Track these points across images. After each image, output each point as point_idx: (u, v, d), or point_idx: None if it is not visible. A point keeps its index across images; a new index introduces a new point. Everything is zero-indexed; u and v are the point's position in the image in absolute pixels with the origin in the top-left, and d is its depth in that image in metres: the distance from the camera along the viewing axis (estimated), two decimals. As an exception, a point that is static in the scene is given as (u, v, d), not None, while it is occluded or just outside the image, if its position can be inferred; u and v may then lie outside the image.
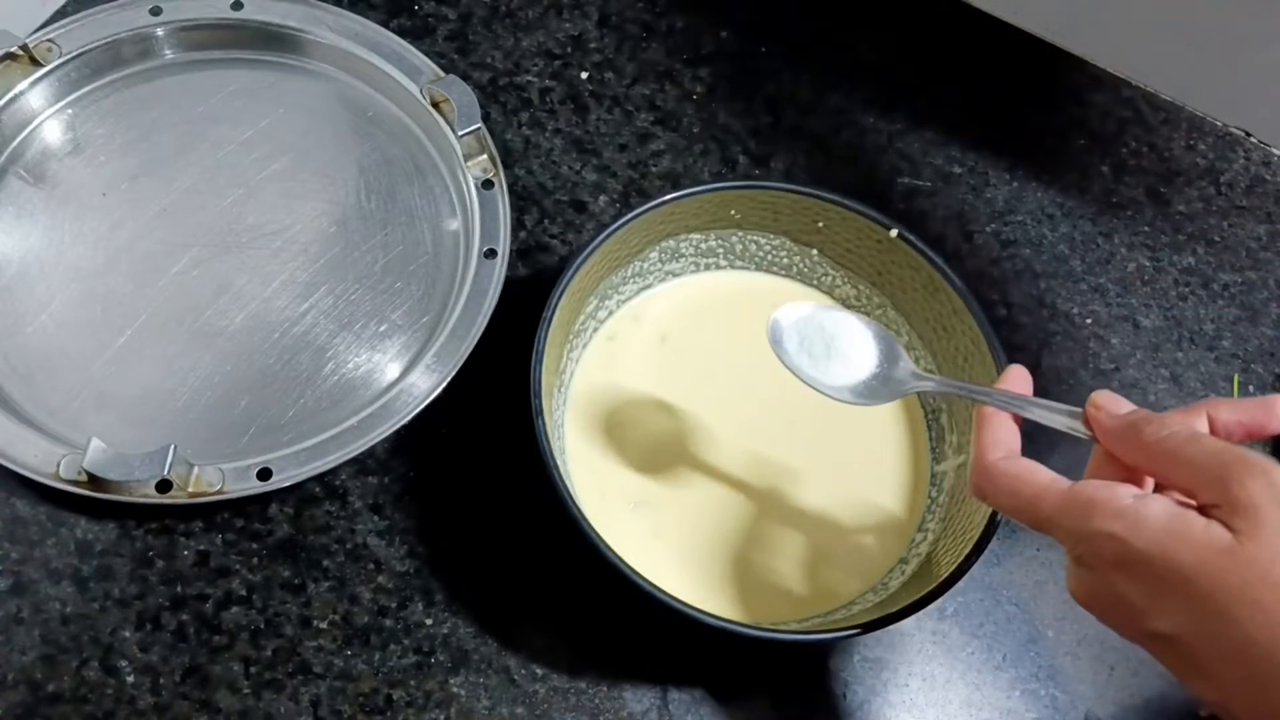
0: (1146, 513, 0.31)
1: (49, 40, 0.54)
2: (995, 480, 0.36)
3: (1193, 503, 0.32)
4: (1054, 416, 0.38)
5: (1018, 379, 0.39)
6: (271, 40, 0.57)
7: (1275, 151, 0.63)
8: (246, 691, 0.44)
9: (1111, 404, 0.36)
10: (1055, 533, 0.34)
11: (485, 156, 0.55)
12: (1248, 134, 0.64)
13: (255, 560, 0.47)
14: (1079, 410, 0.37)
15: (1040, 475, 0.35)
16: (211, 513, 0.48)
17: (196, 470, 0.46)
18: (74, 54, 0.55)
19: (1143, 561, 0.31)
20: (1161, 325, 0.58)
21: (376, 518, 0.48)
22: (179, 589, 0.46)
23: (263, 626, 0.46)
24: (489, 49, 0.61)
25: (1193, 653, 0.31)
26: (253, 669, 0.45)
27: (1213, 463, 0.31)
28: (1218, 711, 0.32)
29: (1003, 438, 0.37)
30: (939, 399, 0.51)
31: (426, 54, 0.57)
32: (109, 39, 0.55)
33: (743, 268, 0.54)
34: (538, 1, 0.63)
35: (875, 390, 0.43)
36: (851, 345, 0.43)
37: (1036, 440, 0.39)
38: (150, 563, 0.46)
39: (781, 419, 0.50)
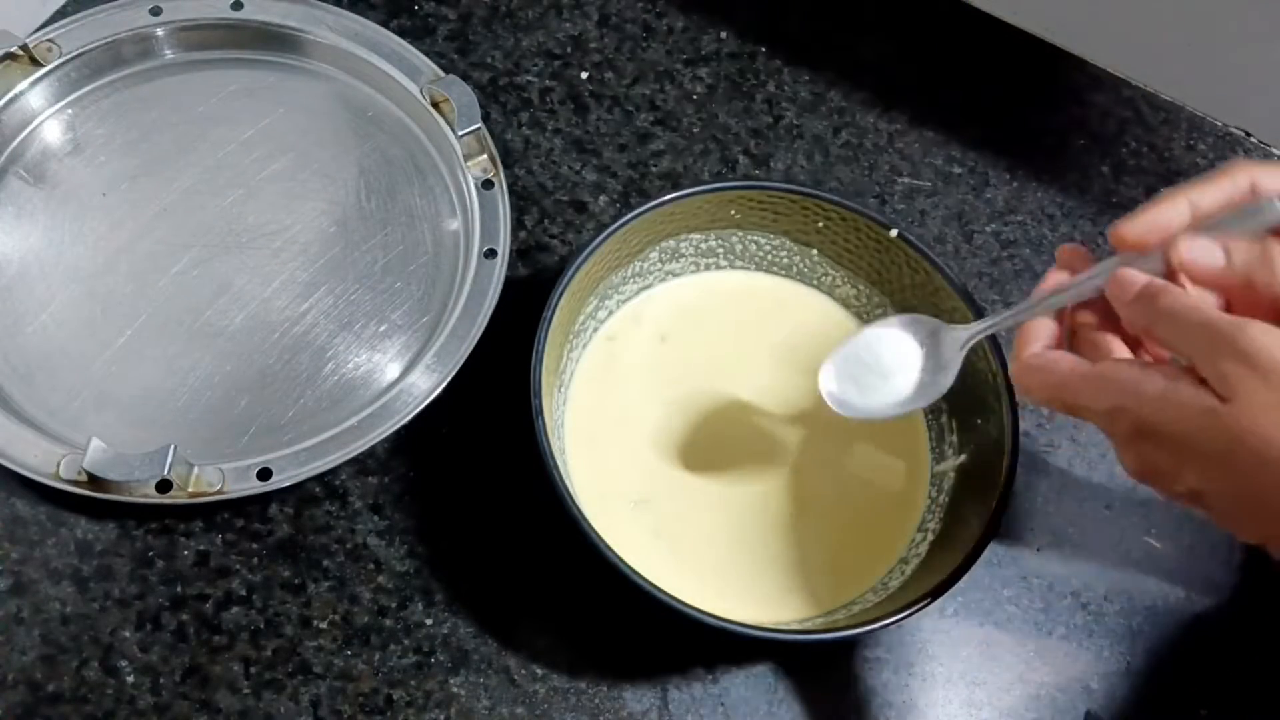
0: (1145, 385, 0.35)
1: (49, 40, 0.54)
2: (1027, 375, 0.39)
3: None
4: (1090, 287, 0.39)
5: (1072, 258, 0.41)
6: (271, 40, 0.57)
7: (1275, 151, 0.63)
8: (246, 691, 0.44)
9: (1126, 288, 0.37)
10: (1084, 414, 0.37)
11: (485, 156, 0.55)
12: (1248, 134, 0.64)
13: (255, 560, 0.47)
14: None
15: (1063, 363, 0.38)
16: (211, 513, 0.48)
17: (196, 470, 0.46)
18: (74, 54, 0.55)
19: (1151, 429, 0.34)
20: (1161, 325, 0.58)
21: (376, 518, 0.48)
22: (179, 589, 0.46)
23: (263, 626, 0.46)
24: (489, 49, 0.61)
25: (1221, 504, 0.35)
26: (253, 669, 0.45)
27: (1201, 335, 0.34)
28: (1267, 547, 0.35)
29: (1038, 334, 0.40)
30: (938, 398, 0.50)
31: (426, 54, 0.57)
32: (109, 39, 0.55)
33: (743, 268, 0.54)
34: (538, 1, 0.63)
35: (938, 372, 0.44)
36: (896, 353, 0.44)
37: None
38: (150, 563, 0.46)
39: (781, 419, 0.50)
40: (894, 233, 0.49)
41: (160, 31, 0.56)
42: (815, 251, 0.53)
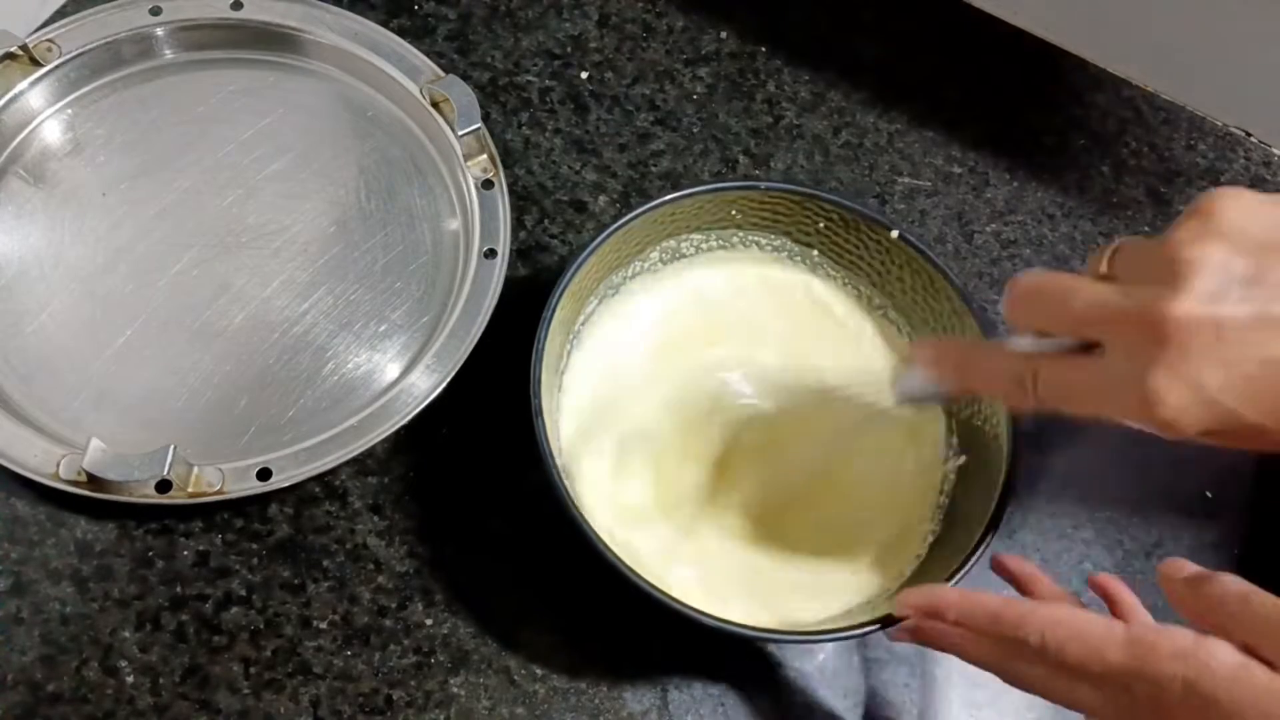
0: (1212, 658, 0.32)
1: (49, 40, 0.54)
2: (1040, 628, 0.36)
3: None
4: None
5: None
6: (271, 40, 0.57)
7: (1275, 151, 0.63)
8: (246, 691, 0.44)
9: (1176, 570, 0.36)
10: (1115, 680, 0.34)
11: (485, 156, 0.55)
12: (1248, 134, 0.64)
13: (255, 560, 0.47)
14: None
15: (1095, 626, 0.35)
16: (211, 513, 0.48)
17: (196, 470, 0.46)
18: (74, 54, 0.55)
19: (1211, 708, 0.32)
20: (1161, 325, 0.58)
21: (376, 518, 0.48)
22: (179, 589, 0.46)
23: (263, 626, 0.46)
24: (489, 49, 0.61)
25: None
26: (253, 669, 0.45)
27: (1267, 623, 0.32)
28: None
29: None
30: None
31: (426, 54, 0.57)
32: (109, 39, 0.55)
33: (743, 268, 0.54)
34: (538, 1, 0.63)
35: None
36: None
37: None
38: (150, 563, 0.46)
39: (782, 421, 0.50)
40: (895, 234, 0.49)
41: (160, 31, 0.56)
42: (816, 252, 0.53)
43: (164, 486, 0.45)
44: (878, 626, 0.42)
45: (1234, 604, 0.33)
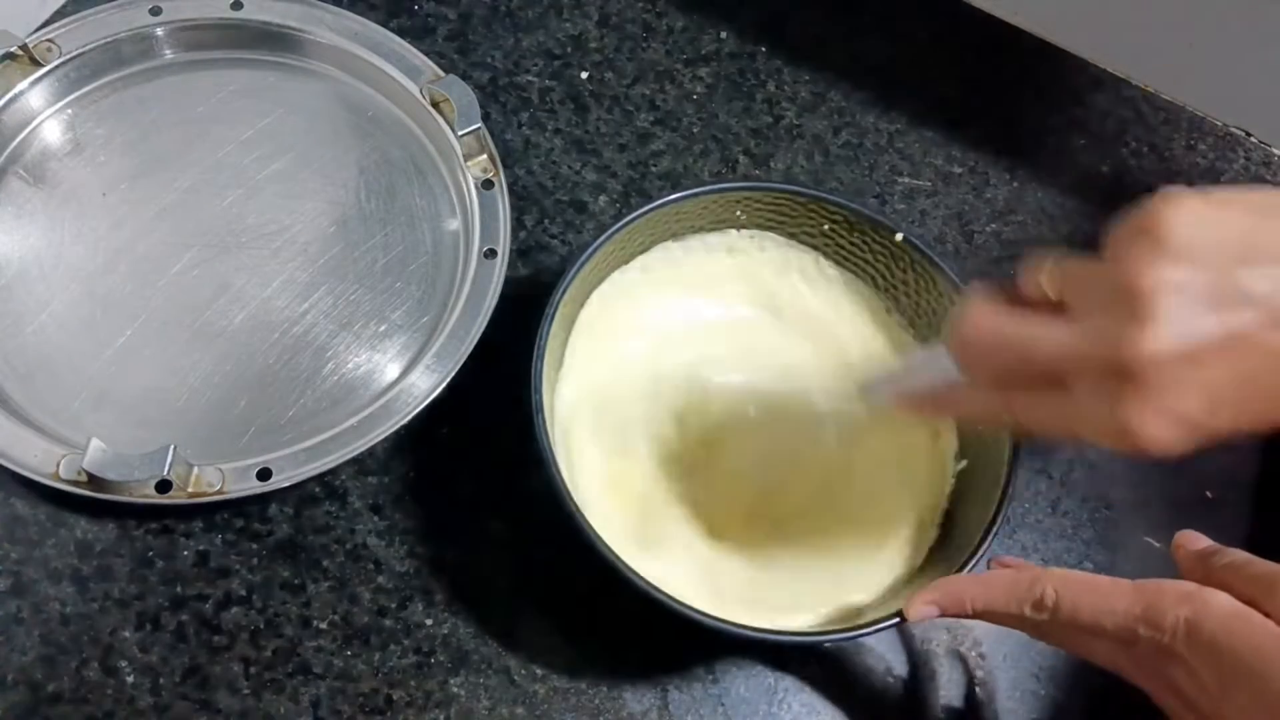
0: (1212, 599, 0.34)
1: (49, 40, 0.54)
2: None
3: None
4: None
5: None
6: (271, 40, 0.57)
7: (1275, 151, 0.63)
8: (246, 692, 0.44)
9: (1191, 542, 0.40)
10: (1124, 630, 0.36)
11: (485, 156, 0.55)
12: (1248, 134, 0.64)
13: (255, 560, 0.47)
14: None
15: (1101, 580, 0.37)
16: (211, 513, 0.48)
17: (196, 470, 0.46)
18: (74, 54, 0.55)
19: (1210, 645, 0.34)
20: (1162, 325, 0.58)
21: (376, 518, 0.48)
22: (179, 589, 0.46)
23: (263, 626, 0.46)
24: (489, 49, 0.61)
25: None
26: (253, 669, 0.45)
27: (1263, 579, 0.35)
28: None
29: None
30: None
31: (426, 54, 0.57)
32: (109, 39, 0.55)
33: (744, 267, 0.54)
34: (538, 1, 0.63)
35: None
36: None
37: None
38: (150, 563, 0.46)
39: (785, 421, 0.50)
40: (900, 237, 0.49)
41: (160, 31, 0.56)
42: (820, 254, 0.53)
43: (164, 486, 0.45)
44: (878, 628, 0.42)
45: (1236, 565, 0.37)
